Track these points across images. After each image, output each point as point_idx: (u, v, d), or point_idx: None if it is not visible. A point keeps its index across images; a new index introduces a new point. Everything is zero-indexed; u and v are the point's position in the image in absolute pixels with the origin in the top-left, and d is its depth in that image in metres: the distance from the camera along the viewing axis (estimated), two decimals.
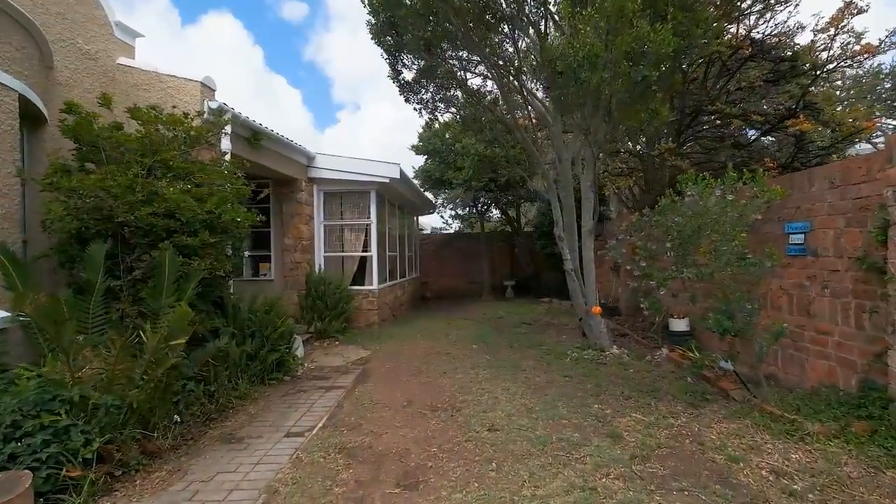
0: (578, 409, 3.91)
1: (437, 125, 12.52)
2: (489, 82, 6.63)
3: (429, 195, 14.16)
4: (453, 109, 6.51)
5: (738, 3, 6.65)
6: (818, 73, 7.35)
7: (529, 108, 6.47)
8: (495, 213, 14.87)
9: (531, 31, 5.54)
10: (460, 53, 6.51)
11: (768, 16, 7.27)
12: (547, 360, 5.63)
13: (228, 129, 5.50)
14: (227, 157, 5.41)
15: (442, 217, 17.67)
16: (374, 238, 8.58)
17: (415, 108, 6.56)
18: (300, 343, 5.94)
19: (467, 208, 14.01)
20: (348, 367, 5.87)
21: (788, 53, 7.22)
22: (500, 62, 5.31)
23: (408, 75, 6.37)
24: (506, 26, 5.60)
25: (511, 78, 5.96)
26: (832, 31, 7.29)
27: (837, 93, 11.02)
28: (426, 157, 12.74)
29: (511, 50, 5.43)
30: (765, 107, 7.95)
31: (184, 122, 4.56)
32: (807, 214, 4.11)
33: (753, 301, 3.52)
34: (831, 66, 7.33)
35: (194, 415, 3.78)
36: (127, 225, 3.63)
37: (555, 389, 4.53)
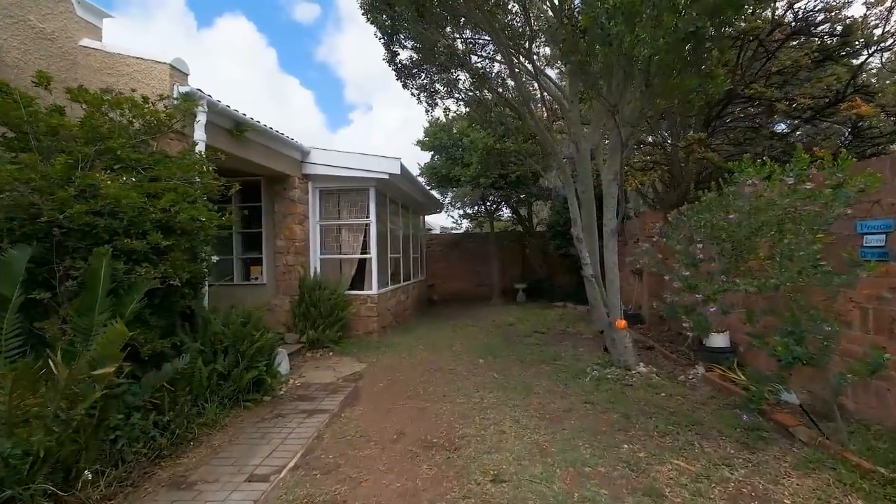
0: (605, 452, 3.18)
1: (443, 118, 11.87)
2: (497, 65, 5.91)
3: (436, 194, 13.51)
4: (456, 95, 5.80)
5: None
6: (872, 50, 6.46)
7: (544, 93, 5.72)
8: (506, 211, 14.08)
9: None
10: (465, 34, 5.81)
11: None
12: (563, 380, 4.90)
13: (203, 117, 4.90)
14: (201, 149, 4.81)
15: (451, 217, 17.00)
16: (373, 239, 7.93)
17: (413, 94, 5.89)
18: (284, 357, 5.31)
19: (476, 207, 13.24)
20: (338, 385, 5.22)
21: (839, 28, 6.34)
22: (508, 35, 4.55)
23: (405, 56, 5.69)
24: None
25: (522, 58, 5.24)
26: (889, 2, 6.39)
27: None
28: (432, 153, 12.05)
29: (521, 21, 4.70)
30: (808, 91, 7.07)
31: (142, 107, 3.96)
32: (891, 211, 3.32)
33: (830, 320, 2.75)
34: (888, 42, 6.42)
35: (139, 453, 3.16)
36: (57, 225, 3.03)
37: (574, 420, 3.80)
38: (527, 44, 4.72)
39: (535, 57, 5.17)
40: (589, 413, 3.96)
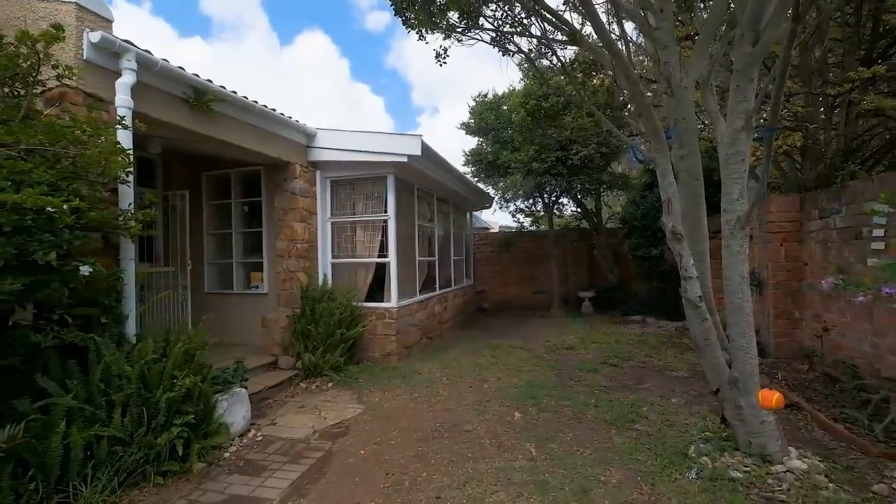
0: None
1: (490, 95, 10.05)
2: None
3: (487, 187, 11.70)
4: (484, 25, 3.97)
5: None
6: None
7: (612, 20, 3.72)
8: (568, 204, 11.82)
9: None
10: None
11: None
12: (648, 473, 2.92)
13: (130, 77, 3.65)
14: (125, 117, 3.56)
15: (511, 213, 14.86)
16: (392, 239, 6.39)
17: (435, 30, 4.11)
18: (240, 402, 3.89)
19: (531, 199, 11.15)
20: (309, 445, 3.70)
21: None
22: None
23: None
24: None
25: None
26: None
27: None
28: (478, 138, 10.27)
29: None
30: None
31: None
32: None
33: None
34: None
35: None
36: None
37: None
38: None
39: None
40: None
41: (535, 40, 3.70)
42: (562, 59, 3.71)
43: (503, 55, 3.73)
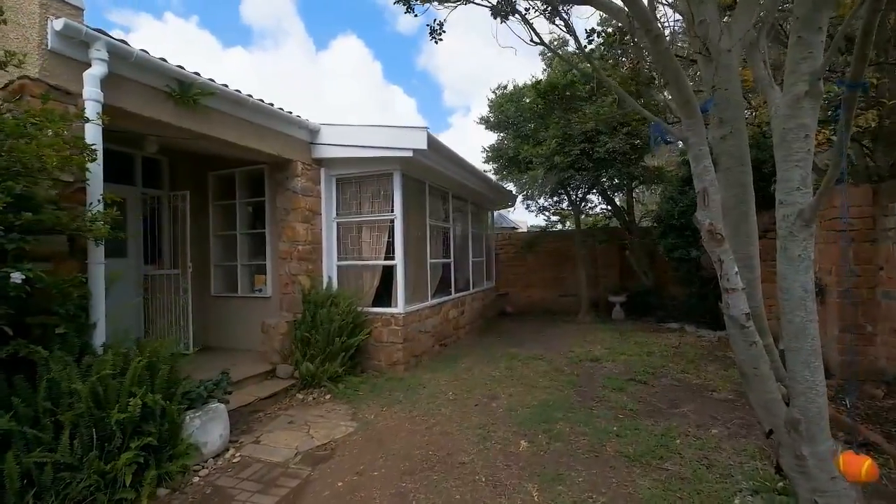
0: None
1: (511, 86, 9.45)
2: None
3: (507, 184, 11.11)
4: None
5: None
6: None
7: None
8: (597, 201, 10.99)
9: None
10: None
11: None
12: None
13: (100, 68, 3.40)
14: (94, 111, 3.31)
15: (534, 212, 14.10)
16: (399, 239, 5.97)
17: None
18: (218, 418, 3.56)
19: (556, 197, 10.39)
20: (288, 469, 3.32)
21: None
22: None
23: None
24: None
25: None
26: None
27: None
28: (498, 133, 9.70)
29: None
30: None
31: None
32: None
33: None
34: None
35: None
36: None
37: None
38: None
39: None
40: None
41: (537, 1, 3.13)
42: (568, 20, 3.10)
43: (500, 20, 3.18)
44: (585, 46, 3.83)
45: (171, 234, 6.08)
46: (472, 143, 47.90)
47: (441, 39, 3.58)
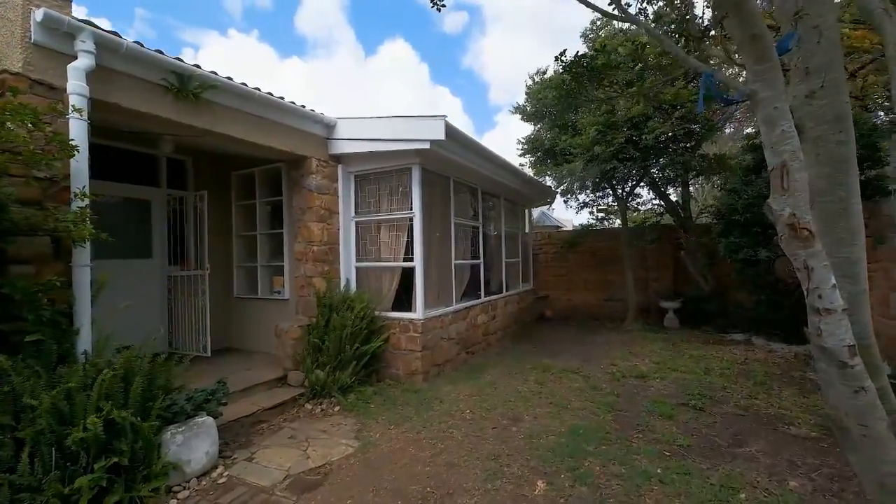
0: None
1: (548, 74, 8.71)
2: None
3: (543, 179, 10.34)
4: None
5: None
6: None
7: None
8: (647, 197, 9.93)
9: None
10: None
11: None
12: None
13: (86, 60, 3.22)
14: (79, 105, 3.14)
15: (580, 208, 13.00)
16: (418, 239, 5.53)
17: None
18: (206, 433, 3.28)
19: (599, 191, 9.45)
20: (272, 497, 2.97)
21: None
22: None
23: None
24: None
25: None
26: None
27: None
28: (534, 123, 8.99)
29: None
30: None
31: None
32: None
33: None
34: None
35: None
36: None
37: None
38: None
39: None
40: None
41: None
42: None
43: None
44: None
45: (195, 235, 6.04)
46: (515, 139, 46.86)
47: (444, 5, 3.07)
